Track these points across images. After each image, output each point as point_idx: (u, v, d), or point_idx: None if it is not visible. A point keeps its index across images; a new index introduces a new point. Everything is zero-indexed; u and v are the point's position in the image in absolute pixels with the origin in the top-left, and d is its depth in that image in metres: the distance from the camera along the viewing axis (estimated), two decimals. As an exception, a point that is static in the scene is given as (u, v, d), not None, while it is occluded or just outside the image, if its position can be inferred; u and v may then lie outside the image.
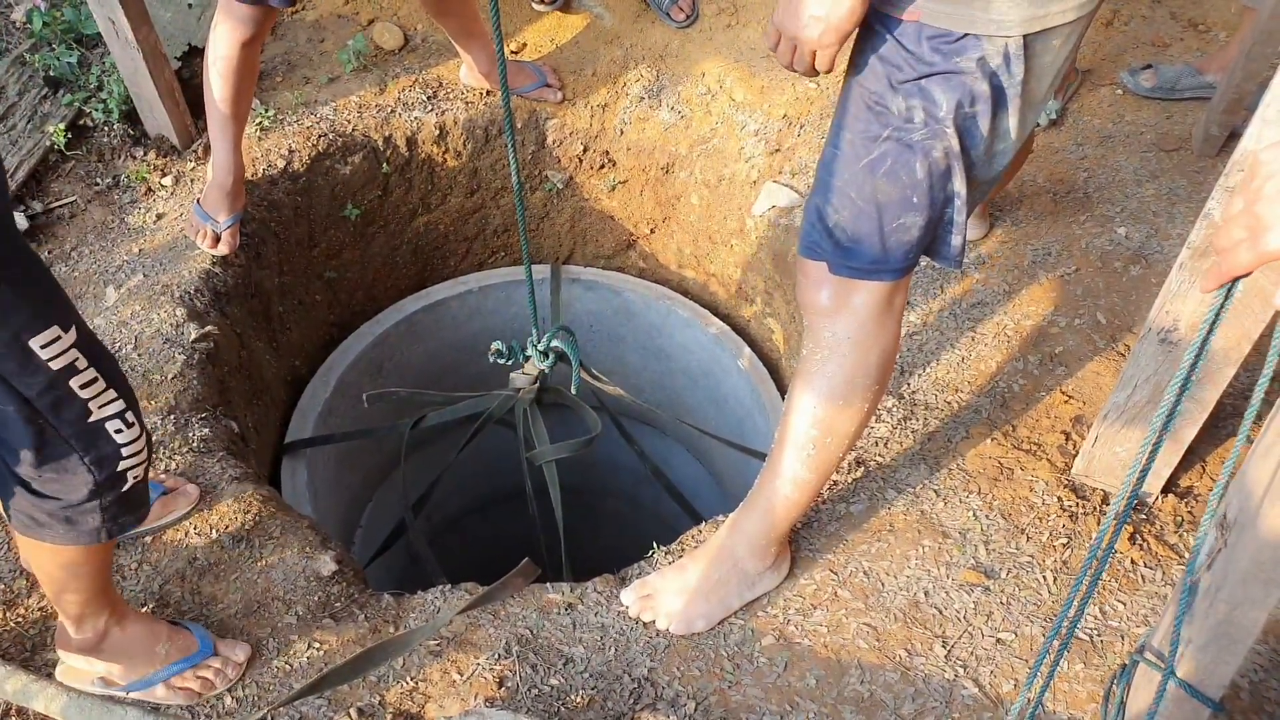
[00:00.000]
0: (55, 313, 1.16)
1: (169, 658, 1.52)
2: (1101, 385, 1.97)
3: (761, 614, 1.67)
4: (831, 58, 1.17)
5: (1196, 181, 2.38)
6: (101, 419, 1.21)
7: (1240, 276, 0.79)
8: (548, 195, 2.87)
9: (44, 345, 1.14)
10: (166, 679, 1.52)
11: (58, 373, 1.16)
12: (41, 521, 1.26)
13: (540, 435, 2.37)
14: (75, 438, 1.21)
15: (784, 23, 1.17)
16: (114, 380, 1.22)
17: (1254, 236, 0.73)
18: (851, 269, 1.30)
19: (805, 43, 1.16)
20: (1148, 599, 1.65)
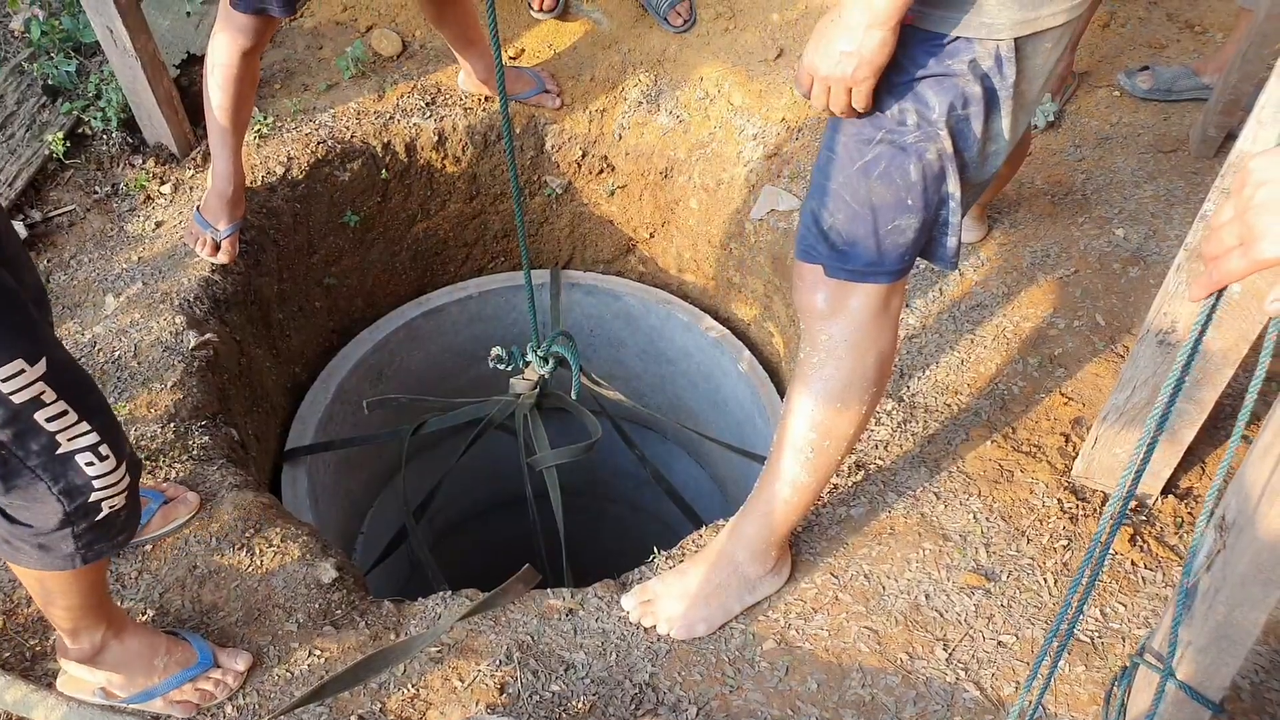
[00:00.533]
0: (21, 345, 1.14)
1: (168, 670, 1.52)
2: (1101, 387, 1.97)
3: (762, 618, 1.67)
4: (868, 94, 1.16)
5: (1194, 183, 2.38)
6: (71, 450, 1.19)
7: (1228, 284, 0.79)
8: (547, 200, 2.88)
9: (5, 379, 1.12)
10: (165, 693, 1.51)
11: (21, 405, 1.14)
12: (16, 546, 1.26)
13: (541, 440, 2.37)
14: (42, 468, 1.19)
15: (816, 64, 1.16)
16: (89, 412, 1.20)
17: (1245, 245, 0.73)
18: (847, 272, 1.30)
19: (840, 81, 1.15)
20: (1148, 601, 1.65)
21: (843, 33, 1.12)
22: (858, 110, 1.19)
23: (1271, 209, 0.72)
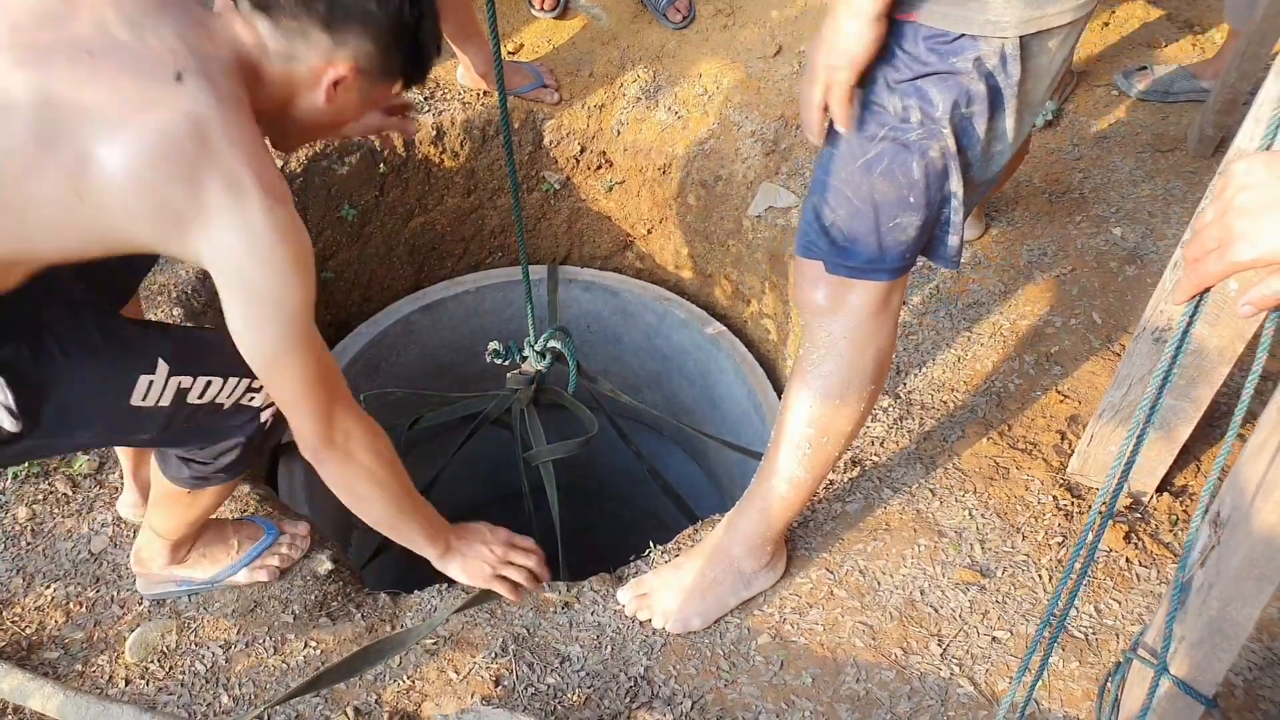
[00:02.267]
0: (136, 362, 1.25)
1: (243, 547, 1.69)
2: (1097, 385, 1.98)
3: (758, 612, 1.68)
4: (846, 86, 1.18)
5: (1192, 182, 2.39)
6: (234, 401, 1.36)
7: (1210, 287, 0.80)
8: (545, 196, 2.88)
9: (143, 398, 1.27)
10: (248, 564, 1.69)
11: (172, 405, 1.29)
12: (211, 479, 1.47)
13: (537, 436, 2.37)
14: (219, 429, 1.39)
15: (815, 62, 1.18)
16: (222, 365, 1.31)
17: (1222, 247, 0.74)
18: (848, 268, 1.30)
19: (824, 71, 1.17)
20: (1143, 598, 1.66)
21: (829, 28, 1.14)
22: (837, 112, 1.19)
23: (1250, 212, 0.73)
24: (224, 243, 1.11)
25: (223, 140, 1.08)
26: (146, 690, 1.55)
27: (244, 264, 1.12)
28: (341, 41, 1.20)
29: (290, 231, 1.13)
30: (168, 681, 1.56)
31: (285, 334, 1.18)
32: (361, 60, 1.22)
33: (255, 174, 1.09)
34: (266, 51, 1.20)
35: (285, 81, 1.22)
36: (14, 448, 1.27)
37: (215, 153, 1.07)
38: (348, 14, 1.17)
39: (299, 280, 1.15)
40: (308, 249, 1.16)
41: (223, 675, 1.58)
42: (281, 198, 1.12)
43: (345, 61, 1.21)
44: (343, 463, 1.32)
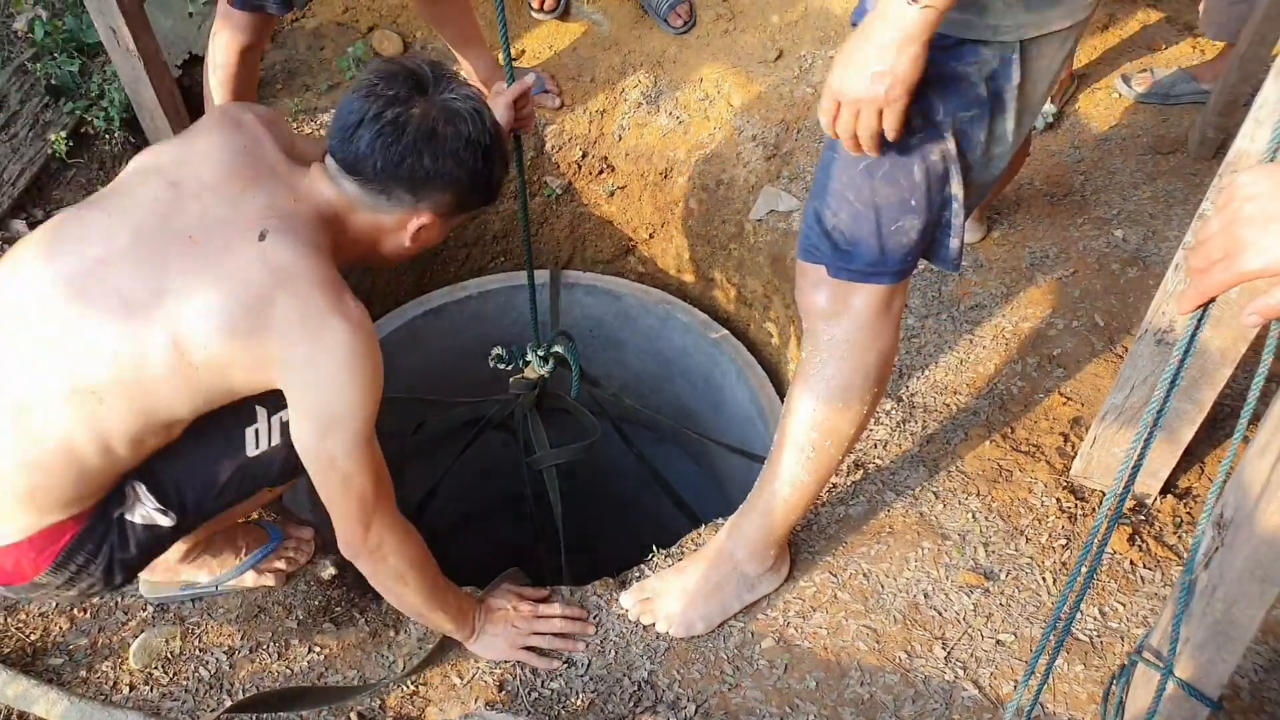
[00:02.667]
0: (238, 421, 1.38)
1: (249, 549, 1.70)
2: (1100, 387, 1.97)
3: (761, 616, 1.67)
4: (900, 114, 1.11)
5: (1193, 184, 2.39)
6: None
7: (1215, 296, 0.80)
8: (547, 201, 2.88)
9: (257, 447, 1.40)
10: (253, 565, 1.70)
11: (283, 439, 1.40)
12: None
13: (540, 440, 2.37)
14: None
15: (844, 87, 1.10)
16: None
17: (1229, 257, 0.75)
18: (850, 271, 1.30)
19: (871, 103, 1.09)
20: (1147, 600, 1.66)
21: (873, 52, 1.07)
22: (888, 135, 1.14)
23: (1256, 222, 0.73)
24: (304, 364, 1.27)
25: (301, 279, 1.25)
26: (150, 696, 1.55)
27: (321, 382, 1.28)
28: (424, 198, 1.37)
29: (363, 356, 1.28)
30: (172, 687, 1.56)
31: (345, 446, 1.32)
32: (442, 209, 1.40)
33: (332, 306, 1.26)
34: (353, 206, 1.37)
35: (373, 227, 1.40)
36: (179, 530, 1.44)
37: (296, 291, 1.25)
38: (428, 178, 1.35)
39: (367, 399, 1.31)
40: (378, 371, 1.32)
41: (226, 681, 1.58)
42: (357, 325, 1.28)
43: (427, 213, 1.39)
44: (375, 565, 1.44)
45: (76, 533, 1.35)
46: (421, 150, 1.32)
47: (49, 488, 1.29)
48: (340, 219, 1.37)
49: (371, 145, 1.31)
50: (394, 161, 1.32)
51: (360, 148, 1.32)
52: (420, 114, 1.31)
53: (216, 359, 1.25)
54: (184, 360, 1.24)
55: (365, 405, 1.31)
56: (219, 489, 1.41)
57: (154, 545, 1.43)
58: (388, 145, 1.31)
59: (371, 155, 1.32)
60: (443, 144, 1.32)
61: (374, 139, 1.31)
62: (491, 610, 1.64)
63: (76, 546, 1.35)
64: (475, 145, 1.35)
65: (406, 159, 1.31)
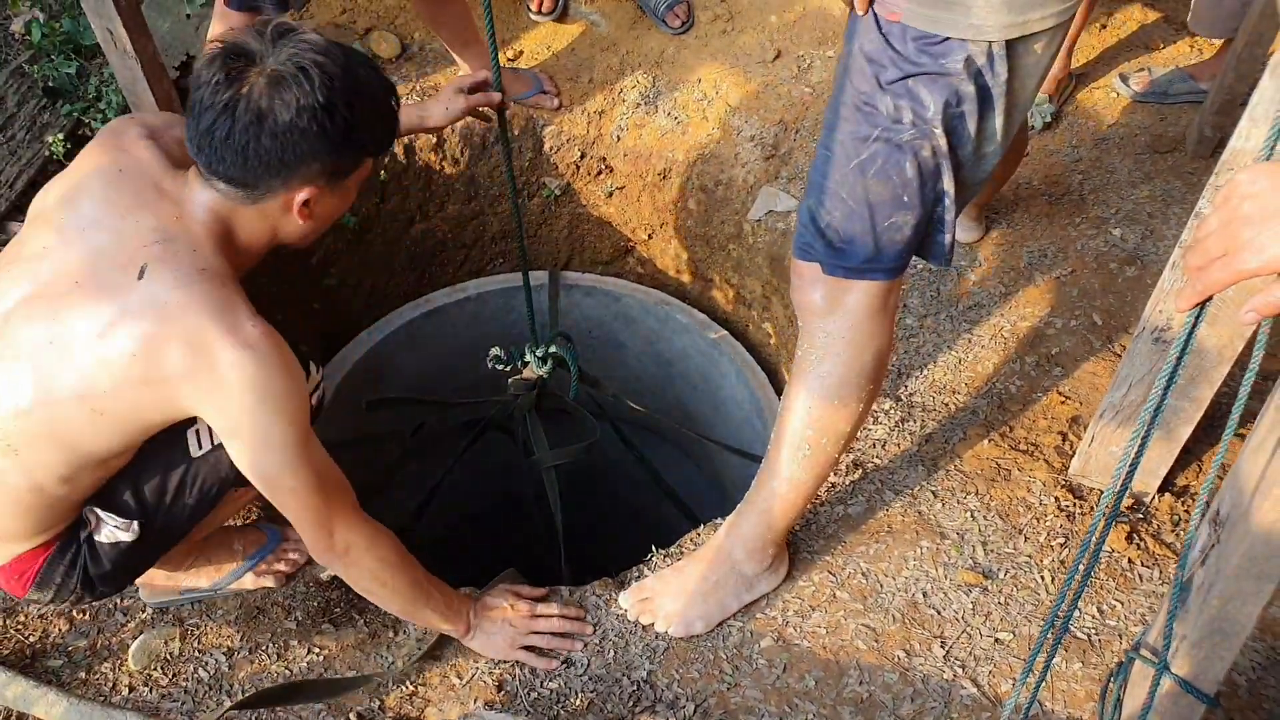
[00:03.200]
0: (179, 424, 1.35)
1: (246, 552, 1.70)
2: (1098, 385, 1.97)
3: (760, 615, 1.67)
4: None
5: (1190, 183, 2.39)
6: None
7: (1213, 295, 0.80)
8: (545, 202, 2.88)
9: (199, 447, 1.39)
10: (251, 568, 1.70)
11: None
12: None
13: (539, 441, 2.37)
14: None
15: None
16: None
17: (1228, 255, 0.75)
18: (844, 269, 1.31)
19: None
20: (1145, 598, 1.66)
21: None
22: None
23: (1254, 221, 0.74)
24: (210, 396, 1.24)
25: (188, 314, 1.21)
26: (150, 697, 1.55)
27: (232, 411, 1.25)
28: (291, 177, 1.28)
29: (268, 377, 1.24)
30: (171, 688, 1.56)
31: (280, 465, 1.30)
32: (320, 179, 1.31)
33: (223, 334, 1.21)
34: (233, 206, 1.30)
35: (261, 219, 1.33)
36: (149, 546, 1.45)
37: (184, 327, 1.21)
38: (282, 159, 1.25)
39: (284, 416, 1.26)
40: (291, 384, 1.27)
41: (226, 682, 1.58)
42: (254, 346, 1.23)
43: (306, 189, 1.30)
44: (348, 569, 1.43)
45: (47, 557, 1.41)
46: (257, 134, 1.21)
47: (6, 525, 1.36)
48: (227, 223, 1.31)
49: (211, 143, 1.23)
50: (238, 154, 1.23)
51: (205, 148, 1.24)
52: (245, 95, 1.20)
53: (122, 405, 1.24)
54: (91, 409, 1.24)
55: (285, 422, 1.27)
56: (175, 492, 1.41)
57: (128, 557, 1.44)
58: (225, 140, 1.22)
59: (215, 153, 1.24)
60: (276, 121, 1.21)
61: (209, 135, 1.22)
62: (488, 608, 1.64)
63: (51, 568, 1.42)
64: (312, 110, 1.21)
65: (249, 148, 1.22)
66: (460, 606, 1.60)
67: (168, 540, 1.49)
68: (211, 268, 1.27)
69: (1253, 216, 0.74)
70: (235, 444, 1.30)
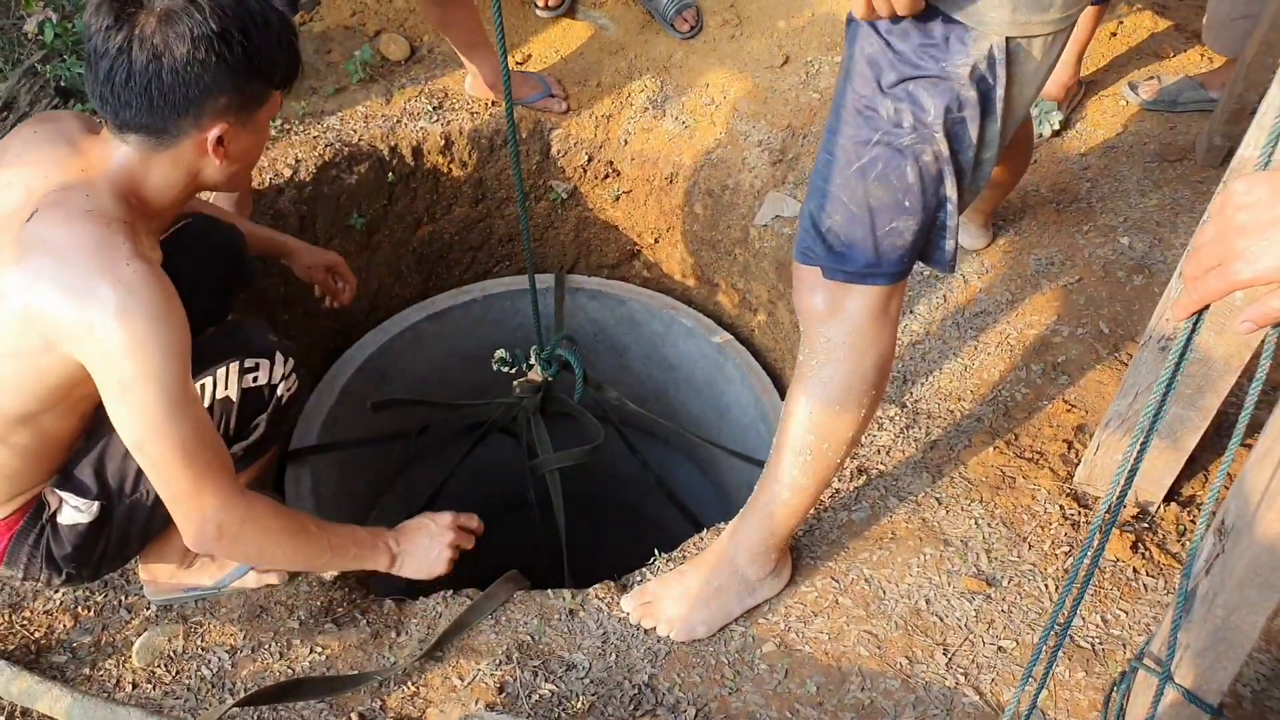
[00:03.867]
0: None
1: None
2: (1104, 394, 1.97)
3: (762, 621, 1.67)
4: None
5: (1200, 191, 2.38)
6: (241, 389, 1.49)
7: (1209, 304, 0.80)
8: (552, 205, 2.89)
9: None
10: (255, 566, 1.68)
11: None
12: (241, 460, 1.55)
13: (543, 444, 2.37)
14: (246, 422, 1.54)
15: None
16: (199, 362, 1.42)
17: (1223, 265, 0.75)
18: (845, 273, 1.30)
19: None
20: (1150, 608, 1.65)
21: None
22: None
23: (1250, 231, 0.73)
24: (82, 336, 1.21)
25: (62, 251, 1.20)
26: (153, 694, 1.55)
27: (97, 351, 1.22)
28: (201, 114, 1.27)
29: (138, 316, 1.20)
30: (174, 686, 1.56)
31: (140, 423, 1.25)
32: (230, 113, 1.29)
33: (96, 270, 1.19)
34: (145, 156, 1.29)
35: (177, 165, 1.31)
36: (115, 532, 1.46)
37: (57, 262, 1.20)
38: (187, 95, 1.24)
39: (151, 361, 1.21)
40: (163, 330, 1.22)
41: (229, 680, 1.58)
42: (128, 284, 1.19)
43: (214, 124, 1.28)
44: (224, 549, 1.38)
45: (12, 535, 1.44)
46: (157, 71, 1.20)
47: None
48: (138, 174, 1.29)
49: (113, 90, 1.21)
50: (142, 95, 1.21)
51: (108, 98, 1.23)
52: (138, 35, 1.20)
53: (15, 352, 1.25)
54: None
55: (152, 375, 1.21)
56: (135, 476, 1.42)
57: (87, 539, 1.45)
58: (125, 84, 1.20)
59: (119, 99, 1.22)
60: (174, 56, 1.19)
61: (109, 83, 1.21)
62: (406, 530, 1.62)
63: (17, 545, 1.45)
64: (208, 40, 1.20)
65: (150, 87, 1.20)
66: (374, 540, 1.57)
67: (133, 528, 1.48)
68: (100, 209, 1.24)
69: (1247, 226, 0.74)
70: (106, 396, 1.24)
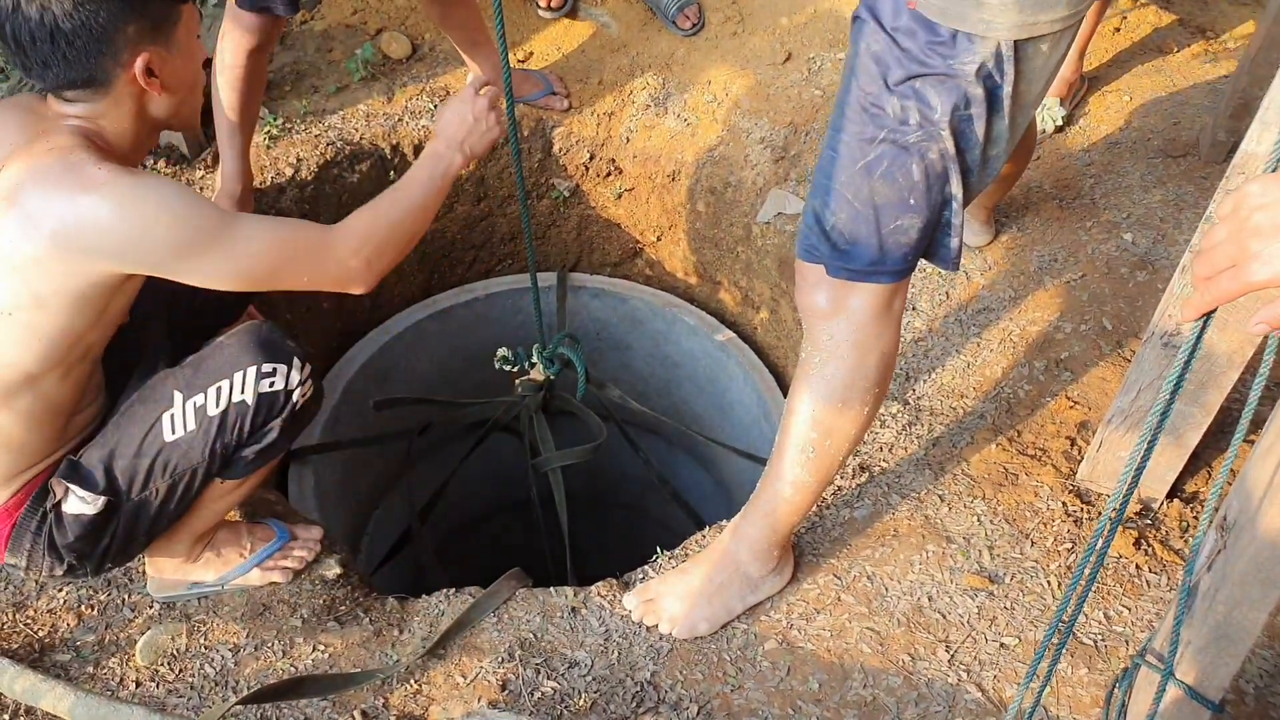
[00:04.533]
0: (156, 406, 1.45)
1: (254, 548, 1.71)
2: (1107, 390, 1.96)
3: (764, 618, 1.67)
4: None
5: (1203, 187, 2.38)
6: (256, 393, 1.46)
7: (1219, 305, 0.80)
8: (554, 203, 2.89)
9: (173, 431, 1.43)
10: (258, 563, 1.70)
11: (198, 426, 1.43)
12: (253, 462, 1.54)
13: (546, 442, 2.37)
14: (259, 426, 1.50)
15: None
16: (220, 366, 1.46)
17: (1237, 266, 0.75)
18: (849, 271, 1.30)
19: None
20: (1152, 604, 1.65)
21: None
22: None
23: (1265, 232, 0.73)
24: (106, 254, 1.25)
25: (28, 183, 1.24)
26: (156, 692, 1.56)
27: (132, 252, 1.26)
28: (116, 48, 1.29)
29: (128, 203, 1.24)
30: (177, 684, 1.57)
31: (226, 253, 1.29)
32: (144, 40, 1.31)
33: (71, 188, 1.23)
34: (88, 108, 1.33)
35: (120, 110, 1.34)
36: (121, 527, 1.47)
37: (35, 190, 1.24)
38: (92, 29, 1.26)
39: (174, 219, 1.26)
40: (158, 194, 1.26)
41: (232, 678, 1.58)
42: (100, 182, 1.24)
43: (134, 55, 1.31)
44: (383, 264, 1.45)
45: (14, 522, 1.45)
46: (55, 19, 1.23)
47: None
48: (91, 128, 1.33)
49: (25, 52, 1.25)
50: (53, 46, 1.24)
51: (28, 63, 1.27)
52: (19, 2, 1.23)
53: (28, 295, 1.26)
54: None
55: (178, 230, 1.26)
56: (148, 473, 1.43)
57: (91, 530, 1.46)
58: (32, 42, 1.24)
59: (37, 59, 1.26)
60: (58, 4, 1.22)
61: (18, 45, 1.25)
62: (447, 126, 1.58)
63: (20, 531, 1.45)
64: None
65: (56, 36, 1.24)
66: (434, 159, 1.54)
67: (139, 526, 1.50)
68: (61, 146, 1.27)
69: (1263, 228, 0.73)
70: (175, 273, 1.29)
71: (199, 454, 1.44)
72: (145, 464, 1.43)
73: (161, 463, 1.44)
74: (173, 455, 1.44)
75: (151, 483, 1.45)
